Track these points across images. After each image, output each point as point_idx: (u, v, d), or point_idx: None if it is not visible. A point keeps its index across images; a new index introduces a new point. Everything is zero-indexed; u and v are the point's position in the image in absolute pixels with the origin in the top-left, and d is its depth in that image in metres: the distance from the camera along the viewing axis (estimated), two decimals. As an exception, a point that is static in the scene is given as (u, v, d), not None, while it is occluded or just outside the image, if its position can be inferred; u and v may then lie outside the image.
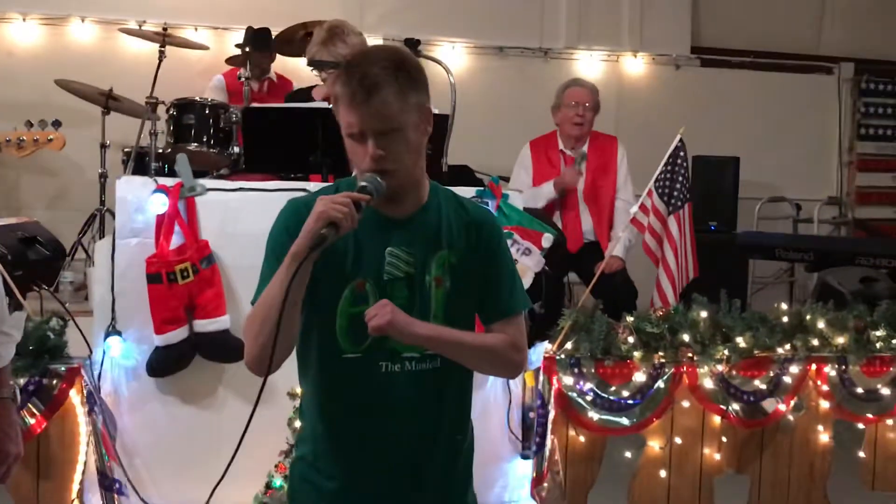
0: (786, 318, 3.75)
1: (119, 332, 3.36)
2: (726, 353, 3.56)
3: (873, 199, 8.07)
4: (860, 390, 3.72)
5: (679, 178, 4.02)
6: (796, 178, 7.70)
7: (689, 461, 3.60)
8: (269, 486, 3.31)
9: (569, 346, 3.49)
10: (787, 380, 3.64)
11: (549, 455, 3.43)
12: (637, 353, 3.50)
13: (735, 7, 7.68)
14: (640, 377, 3.50)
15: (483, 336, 2.12)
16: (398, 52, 2.01)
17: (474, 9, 7.05)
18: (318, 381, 2.07)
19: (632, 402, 3.48)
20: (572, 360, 3.47)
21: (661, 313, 3.63)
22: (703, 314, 3.62)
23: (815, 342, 3.71)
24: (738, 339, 3.60)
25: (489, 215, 2.23)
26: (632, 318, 3.57)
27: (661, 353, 3.53)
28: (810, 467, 3.73)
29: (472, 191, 3.58)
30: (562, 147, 5.22)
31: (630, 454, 3.64)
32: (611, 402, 3.47)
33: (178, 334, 3.34)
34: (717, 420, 3.61)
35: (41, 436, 3.12)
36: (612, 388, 3.49)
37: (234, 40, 6.11)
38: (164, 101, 4.37)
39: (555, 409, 3.45)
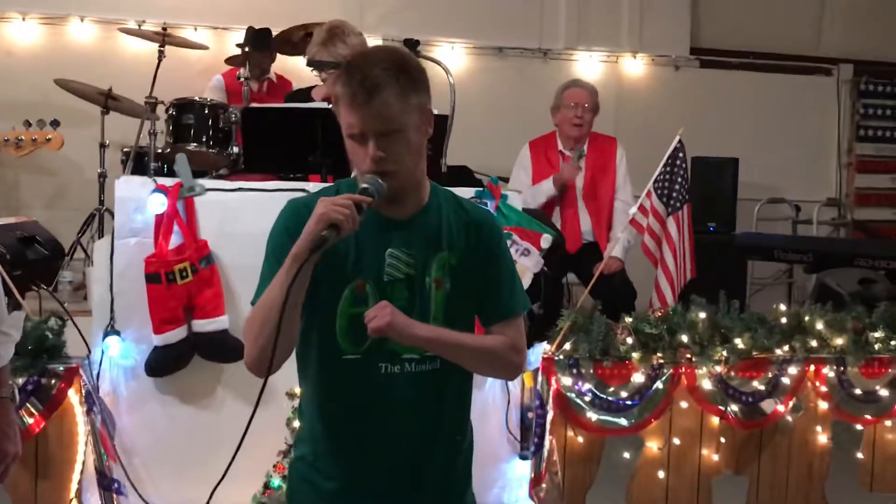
0: (784, 320, 3.75)
1: (118, 332, 3.36)
2: (725, 354, 3.56)
3: (872, 200, 8.07)
4: (858, 391, 3.72)
5: (678, 179, 4.03)
6: (795, 179, 7.70)
7: (687, 462, 3.60)
8: (267, 486, 3.31)
9: (567, 346, 3.49)
10: (786, 381, 3.64)
11: (547, 455, 3.43)
12: (636, 354, 3.50)
13: (734, 8, 7.68)
14: (639, 378, 3.50)
15: (483, 338, 2.11)
16: (399, 53, 2.01)
17: (474, 9, 7.05)
18: (318, 382, 2.07)
19: (630, 402, 3.48)
20: (571, 361, 3.47)
21: (659, 314, 3.63)
22: (702, 315, 3.62)
23: (814, 343, 3.71)
24: (737, 340, 3.60)
25: (489, 216, 2.23)
26: (630, 319, 3.57)
27: (659, 354, 3.53)
28: (809, 468, 3.73)
29: (471, 191, 3.58)
30: (561, 148, 5.22)
31: (628, 455, 3.64)
32: (609, 403, 3.47)
33: (177, 334, 3.34)
34: (715, 421, 3.61)
35: (39, 435, 3.12)
36: (611, 389, 3.49)
37: (234, 40, 6.11)
38: (163, 101, 4.38)
39: (553, 410, 3.45)
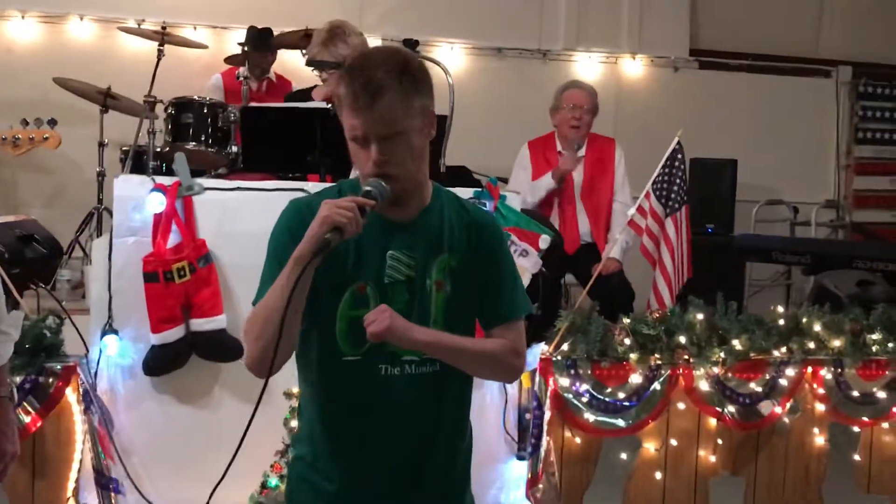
0: (782, 321, 3.74)
1: (115, 331, 3.36)
2: (722, 355, 3.55)
3: (871, 202, 8.09)
4: (856, 393, 3.71)
5: (676, 181, 4.03)
6: (794, 180, 7.71)
7: (684, 463, 3.60)
8: (264, 485, 3.31)
9: (565, 347, 3.49)
10: (783, 382, 3.64)
11: (544, 456, 3.43)
12: (633, 355, 3.50)
13: (734, 10, 7.69)
14: (636, 379, 3.49)
15: (483, 341, 2.11)
16: (402, 55, 2.00)
17: (473, 10, 7.06)
18: (318, 383, 2.06)
19: (628, 403, 3.48)
20: (569, 362, 3.47)
21: (657, 315, 3.63)
22: (700, 316, 3.62)
23: (812, 345, 3.70)
24: (735, 342, 3.59)
25: (491, 218, 2.24)
26: (628, 320, 3.56)
27: (657, 355, 3.53)
28: (806, 470, 3.72)
29: (469, 192, 3.58)
30: (560, 148, 5.22)
31: (625, 456, 3.63)
32: (606, 404, 3.47)
33: (175, 333, 3.34)
34: (712, 422, 3.60)
35: (37, 434, 3.11)
36: (608, 390, 3.48)
37: (233, 40, 6.12)
38: (162, 100, 4.38)
39: (551, 411, 3.44)
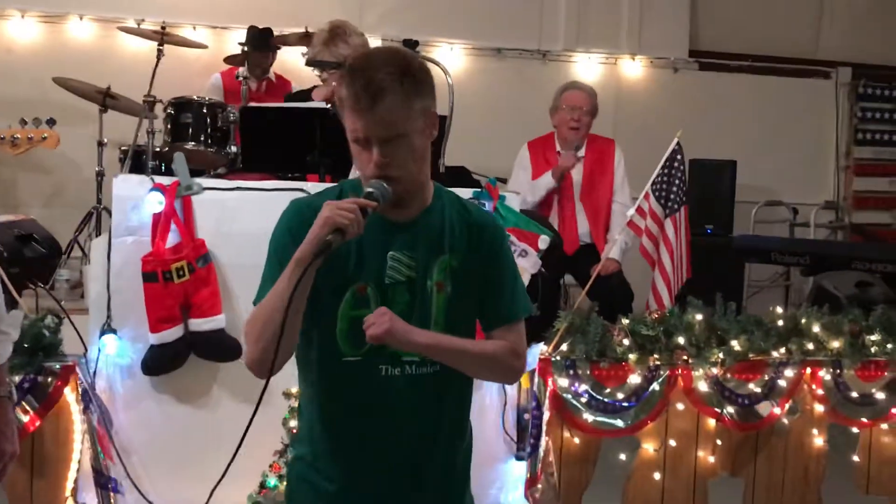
0: (781, 322, 3.74)
1: (114, 330, 3.35)
2: (721, 356, 3.55)
3: (870, 203, 8.09)
4: (855, 394, 3.71)
5: (676, 181, 4.03)
6: (793, 182, 7.72)
7: (683, 464, 3.60)
8: (263, 485, 3.31)
9: (564, 347, 3.49)
10: (782, 383, 3.63)
11: (543, 456, 3.43)
12: (632, 356, 3.50)
13: (733, 11, 7.69)
14: (635, 379, 3.49)
15: (483, 343, 2.10)
16: (403, 56, 1.98)
17: (473, 10, 7.06)
18: (318, 383, 2.06)
19: (626, 404, 3.48)
20: (567, 362, 3.46)
21: (656, 316, 3.63)
22: (699, 317, 3.62)
23: (811, 346, 3.70)
24: (733, 343, 3.59)
25: (492, 218, 2.23)
26: (627, 321, 3.56)
27: (656, 356, 3.52)
28: (805, 471, 3.72)
29: (469, 192, 3.58)
30: (559, 149, 5.23)
31: (624, 456, 3.63)
32: (605, 404, 3.46)
33: (174, 333, 3.33)
34: (711, 423, 3.60)
35: (35, 434, 3.10)
36: (607, 390, 3.48)
37: (233, 40, 6.12)
38: (161, 100, 4.38)
39: (549, 411, 3.44)
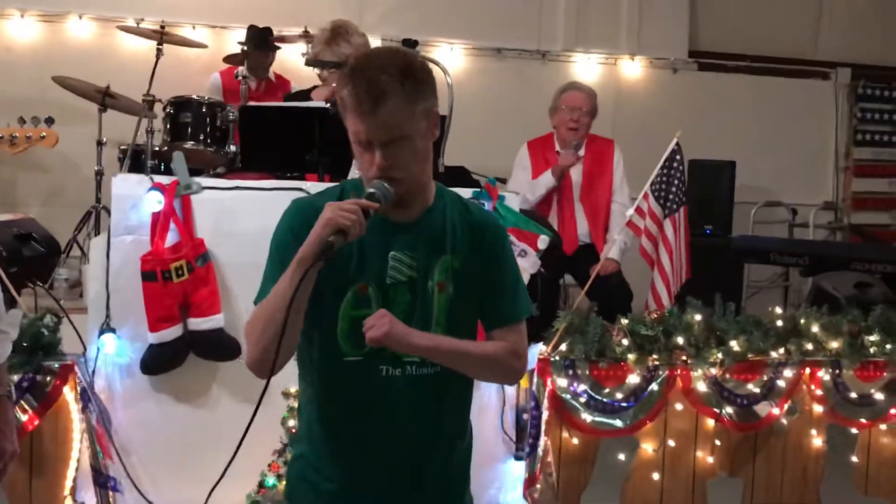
0: (780, 322, 3.74)
1: (113, 330, 3.35)
2: (720, 356, 3.55)
3: (869, 204, 8.10)
4: (854, 395, 3.71)
5: (675, 182, 4.03)
6: (792, 182, 7.72)
7: (682, 464, 3.60)
8: (261, 484, 3.31)
9: (563, 347, 3.49)
10: (781, 384, 3.64)
11: (541, 456, 3.43)
12: (631, 356, 3.50)
13: (733, 11, 7.69)
14: (634, 379, 3.49)
15: (483, 345, 2.10)
16: (405, 57, 1.97)
17: (473, 10, 7.07)
18: (319, 383, 2.06)
19: (625, 404, 3.48)
20: (566, 362, 3.46)
21: (655, 316, 3.63)
22: (698, 317, 3.62)
23: (810, 346, 3.70)
24: (732, 343, 3.59)
25: (493, 219, 2.23)
26: (626, 321, 3.56)
27: (655, 356, 3.52)
28: (803, 471, 3.72)
29: (468, 192, 3.58)
30: (558, 149, 5.23)
31: (623, 456, 3.63)
32: (604, 405, 3.46)
33: (173, 332, 3.33)
34: (710, 423, 3.60)
35: (34, 433, 3.10)
36: (606, 391, 3.48)
37: (232, 39, 6.13)
38: (160, 99, 4.39)
39: (548, 411, 3.44)
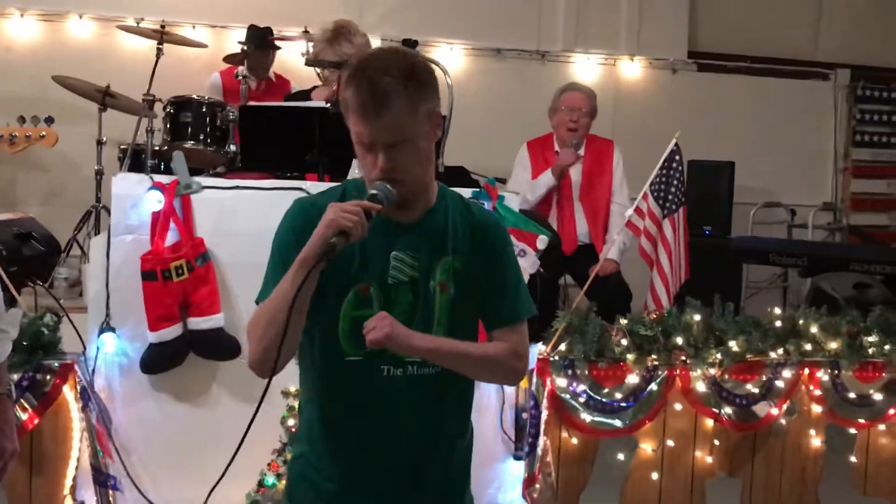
0: (779, 323, 3.74)
1: (113, 329, 3.35)
2: (719, 356, 3.55)
3: (868, 205, 8.11)
4: (852, 395, 3.72)
5: (674, 182, 4.03)
6: (791, 183, 7.73)
7: (681, 464, 3.60)
8: (261, 484, 3.31)
9: (562, 347, 3.49)
10: (780, 384, 3.64)
11: (541, 456, 3.43)
12: (630, 356, 3.50)
13: (732, 12, 7.70)
14: (633, 379, 3.50)
15: (484, 346, 2.10)
16: (407, 59, 1.97)
17: (473, 10, 7.07)
18: (319, 382, 2.07)
19: (624, 404, 3.48)
20: (566, 362, 3.47)
21: (654, 316, 3.64)
22: (697, 317, 3.62)
23: (808, 347, 3.70)
24: (731, 343, 3.59)
25: (495, 219, 2.23)
26: (625, 321, 3.56)
27: (654, 356, 3.53)
28: (802, 471, 3.73)
29: (468, 192, 3.58)
30: (557, 149, 5.23)
31: (622, 456, 3.64)
32: (603, 404, 3.47)
33: (172, 331, 3.33)
34: (709, 423, 3.61)
35: (34, 431, 3.10)
36: (605, 391, 3.48)
37: (233, 39, 6.13)
38: (161, 99, 4.39)
39: (548, 411, 3.45)
